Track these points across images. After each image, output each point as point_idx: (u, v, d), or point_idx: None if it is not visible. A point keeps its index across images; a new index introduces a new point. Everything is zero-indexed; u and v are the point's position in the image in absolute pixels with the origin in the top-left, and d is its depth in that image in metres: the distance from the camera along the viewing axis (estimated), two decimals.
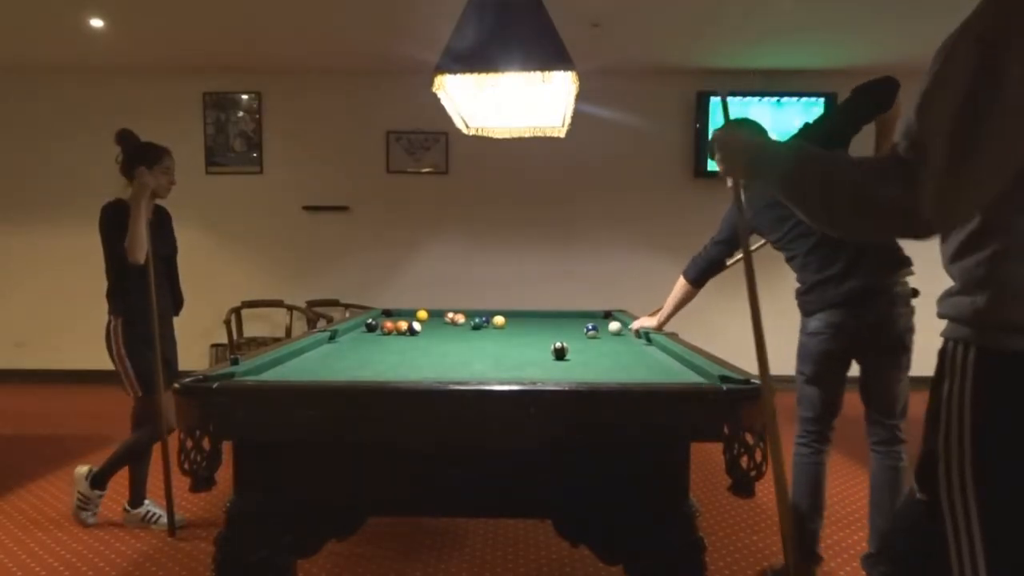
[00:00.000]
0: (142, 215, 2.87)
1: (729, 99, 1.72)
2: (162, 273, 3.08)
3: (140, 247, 2.87)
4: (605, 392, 1.65)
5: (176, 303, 3.24)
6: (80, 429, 4.77)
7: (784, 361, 2.66)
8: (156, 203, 3.12)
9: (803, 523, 2.51)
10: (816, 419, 2.52)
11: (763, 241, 2.73)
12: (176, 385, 1.64)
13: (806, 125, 2.58)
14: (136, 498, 3.10)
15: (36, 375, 6.34)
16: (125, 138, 3.01)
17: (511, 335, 2.97)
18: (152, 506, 3.11)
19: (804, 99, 6.08)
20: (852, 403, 2.53)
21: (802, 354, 2.52)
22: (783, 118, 6.01)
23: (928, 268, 2.54)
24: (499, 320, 3.24)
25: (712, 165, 6.20)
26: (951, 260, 1.18)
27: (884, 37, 5.19)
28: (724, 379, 1.69)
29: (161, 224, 3.13)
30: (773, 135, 1.55)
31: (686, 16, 4.88)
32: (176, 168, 3.10)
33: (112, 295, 3.00)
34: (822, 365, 2.47)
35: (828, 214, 1.24)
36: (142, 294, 2.92)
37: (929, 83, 1.07)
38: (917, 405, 2.15)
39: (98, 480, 3.06)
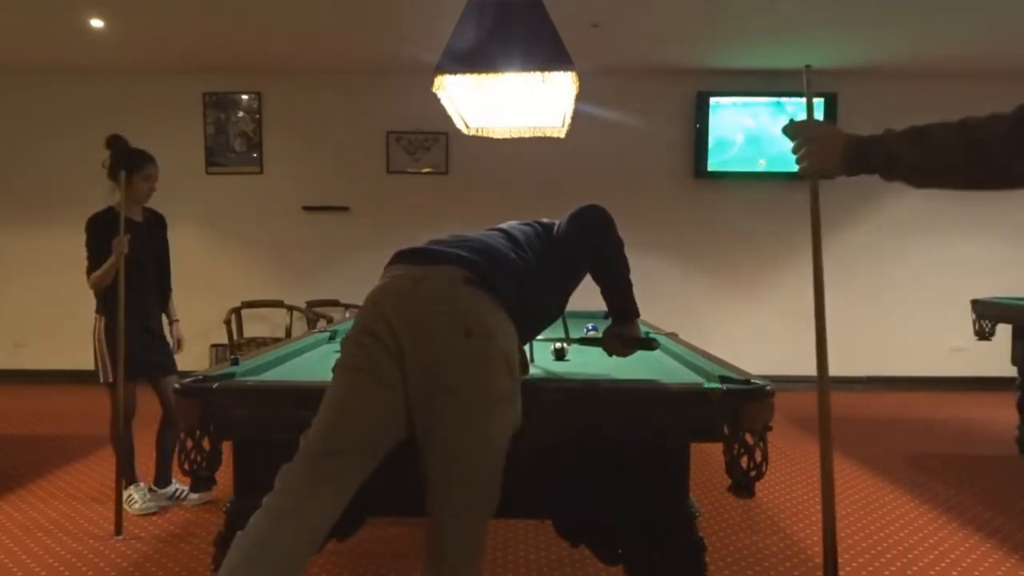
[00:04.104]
0: (112, 273, 3.05)
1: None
2: (152, 275, 3.26)
3: (101, 287, 3.14)
4: (605, 392, 1.65)
5: (163, 298, 3.43)
6: (80, 429, 4.76)
7: (785, 361, 2.64)
8: (150, 207, 3.29)
9: None
10: None
11: None
12: (176, 386, 1.65)
13: None
14: (162, 478, 3.29)
15: (36, 375, 6.34)
16: (116, 143, 3.15)
17: None
18: (179, 484, 3.29)
19: (803, 99, 6.06)
20: (852, 403, 2.51)
21: None
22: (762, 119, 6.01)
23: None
24: None
25: (714, 165, 6.20)
26: None
27: (884, 37, 5.18)
28: (724, 379, 1.69)
29: (152, 228, 3.29)
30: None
31: (686, 16, 4.88)
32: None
33: (96, 297, 3.23)
34: None
35: (976, 163, 1.24)
36: (124, 295, 3.07)
37: None
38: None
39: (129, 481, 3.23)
